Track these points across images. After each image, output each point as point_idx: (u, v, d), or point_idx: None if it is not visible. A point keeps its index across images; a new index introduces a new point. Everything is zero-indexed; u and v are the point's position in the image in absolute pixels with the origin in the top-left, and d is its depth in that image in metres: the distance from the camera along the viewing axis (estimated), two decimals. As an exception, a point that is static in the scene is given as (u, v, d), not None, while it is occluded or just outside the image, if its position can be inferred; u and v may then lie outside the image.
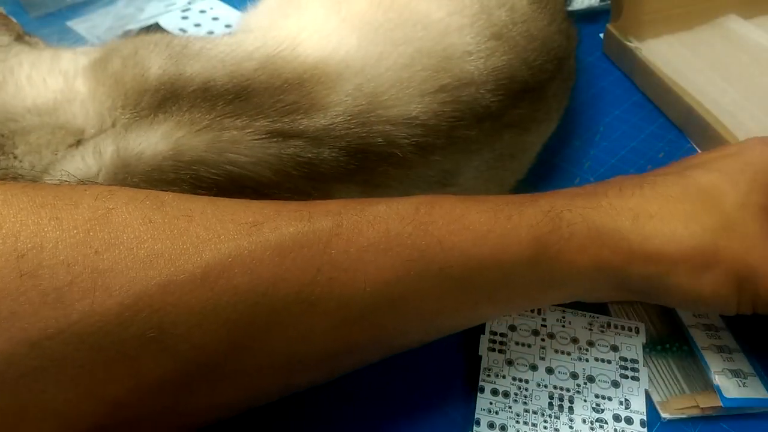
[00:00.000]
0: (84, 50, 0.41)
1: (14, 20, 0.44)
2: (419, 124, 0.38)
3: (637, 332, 0.39)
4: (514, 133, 0.44)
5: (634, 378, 0.37)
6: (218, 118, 0.35)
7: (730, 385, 0.37)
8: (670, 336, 0.40)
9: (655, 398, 0.37)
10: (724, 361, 0.38)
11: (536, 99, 0.44)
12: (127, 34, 0.64)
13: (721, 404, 0.36)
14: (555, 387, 0.37)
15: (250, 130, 0.35)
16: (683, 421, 0.37)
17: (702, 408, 0.36)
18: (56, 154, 0.36)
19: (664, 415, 0.36)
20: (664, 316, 0.41)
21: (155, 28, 0.66)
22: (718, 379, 0.37)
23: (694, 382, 0.37)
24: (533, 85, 0.43)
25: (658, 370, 0.38)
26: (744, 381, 0.37)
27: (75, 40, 0.65)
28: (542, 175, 0.51)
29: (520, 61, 0.42)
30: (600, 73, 0.62)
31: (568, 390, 0.37)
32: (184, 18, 0.68)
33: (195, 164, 0.34)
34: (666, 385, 0.38)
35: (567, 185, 0.51)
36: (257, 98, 0.36)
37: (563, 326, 0.40)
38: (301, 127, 0.36)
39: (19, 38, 0.42)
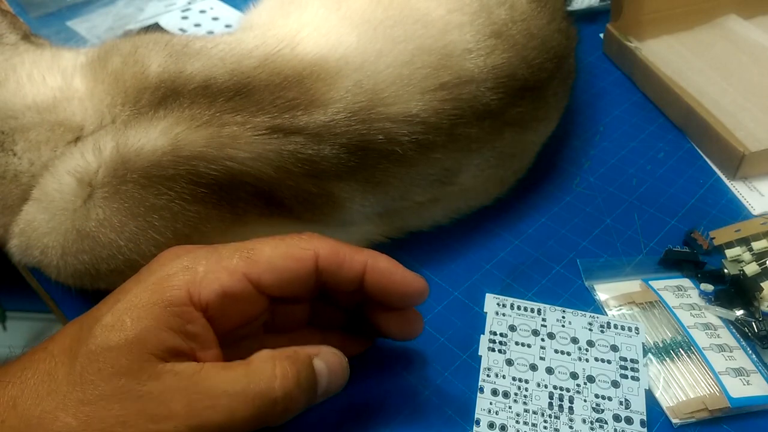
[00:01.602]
0: (85, 50, 0.41)
1: (21, 20, 0.44)
2: (420, 121, 0.38)
3: (637, 332, 0.39)
4: (515, 132, 0.44)
5: (634, 378, 0.37)
6: (218, 114, 0.35)
7: (735, 384, 0.37)
8: (672, 338, 0.40)
9: (664, 404, 0.37)
10: (726, 360, 0.38)
11: (536, 97, 0.44)
12: (127, 34, 0.64)
13: (729, 405, 0.36)
14: (555, 387, 0.37)
15: (250, 126, 0.35)
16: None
17: (711, 410, 0.36)
18: (55, 151, 0.36)
19: (675, 420, 0.36)
20: (663, 318, 0.41)
21: (155, 28, 0.66)
22: (723, 380, 0.37)
23: (699, 385, 0.37)
24: (533, 83, 0.43)
25: (662, 375, 0.38)
26: (747, 379, 0.37)
27: (75, 40, 0.65)
28: (542, 175, 0.51)
29: (519, 60, 0.42)
30: (600, 73, 0.62)
31: (568, 390, 0.37)
32: (184, 18, 0.67)
33: (194, 159, 0.34)
34: (672, 390, 0.37)
35: (567, 185, 0.51)
36: (257, 95, 0.36)
37: (563, 326, 0.40)
38: (301, 124, 0.36)
39: (26, 38, 0.42)
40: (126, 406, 0.26)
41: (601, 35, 0.65)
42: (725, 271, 0.43)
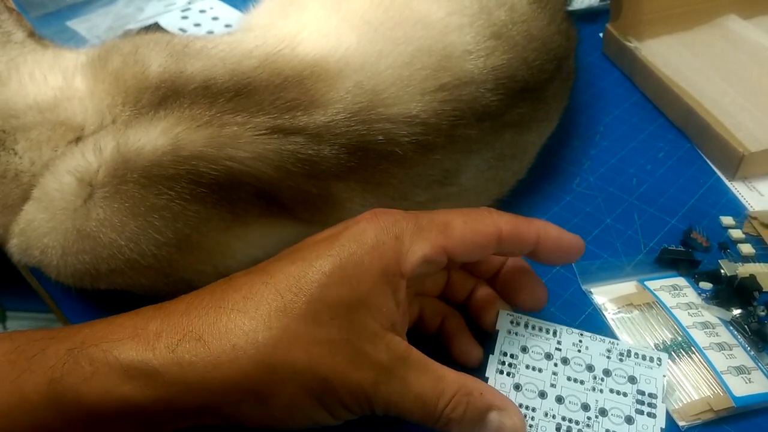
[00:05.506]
0: (86, 50, 0.41)
1: (26, 19, 0.44)
2: (419, 122, 0.38)
3: (659, 363, 0.36)
4: (515, 133, 0.44)
5: (650, 414, 0.34)
6: (218, 115, 0.35)
7: (738, 383, 0.36)
8: (672, 340, 0.39)
9: (669, 407, 0.36)
10: (726, 358, 0.38)
11: (536, 99, 0.44)
12: (127, 34, 0.64)
13: (734, 404, 0.36)
14: (563, 418, 0.34)
15: (250, 126, 0.35)
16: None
17: (716, 411, 0.36)
18: (56, 151, 0.36)
19: (681, 423, 0.35)
20: (662, 319, 0.40)
21: (155, 27, 0.65)
22: (725, 379, 0.36)
23: (703, 385, 0.37)
24: (533, 84, 0.43)
25: (666, 377, 0.37)
26: (749, 377, 0.37)
27: (75, 40, 0.65)
28: (542, 175, 0.51)
29: (519, 61, 0.42)
30: (600, 73, 0.62)
31: (577, 423, 0.34)
32: (184, 18, 0.67)
33: (194, 159, 0.34)
34: (677, 392, 0.37)
35: (567, 185, 0.51)
36: (257, 95, 0.36)
37: (579, 351, 0.36)
38: (301, 124, 0.36)
39: (32, 36, 0.43)
40: (345, 355, 0.29)
41: (601, 35, 0.65)
42: (722, 271, 0.43)
